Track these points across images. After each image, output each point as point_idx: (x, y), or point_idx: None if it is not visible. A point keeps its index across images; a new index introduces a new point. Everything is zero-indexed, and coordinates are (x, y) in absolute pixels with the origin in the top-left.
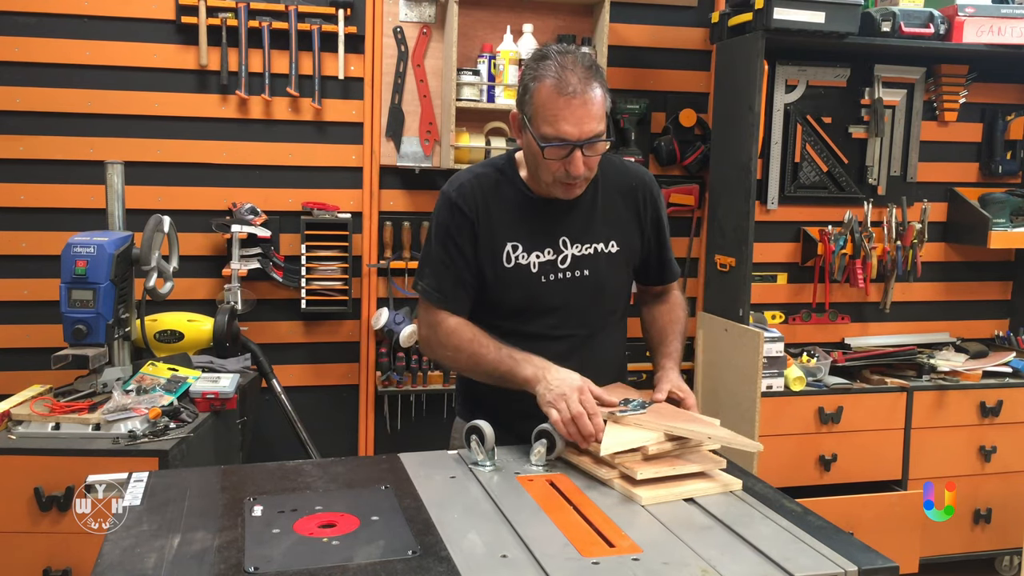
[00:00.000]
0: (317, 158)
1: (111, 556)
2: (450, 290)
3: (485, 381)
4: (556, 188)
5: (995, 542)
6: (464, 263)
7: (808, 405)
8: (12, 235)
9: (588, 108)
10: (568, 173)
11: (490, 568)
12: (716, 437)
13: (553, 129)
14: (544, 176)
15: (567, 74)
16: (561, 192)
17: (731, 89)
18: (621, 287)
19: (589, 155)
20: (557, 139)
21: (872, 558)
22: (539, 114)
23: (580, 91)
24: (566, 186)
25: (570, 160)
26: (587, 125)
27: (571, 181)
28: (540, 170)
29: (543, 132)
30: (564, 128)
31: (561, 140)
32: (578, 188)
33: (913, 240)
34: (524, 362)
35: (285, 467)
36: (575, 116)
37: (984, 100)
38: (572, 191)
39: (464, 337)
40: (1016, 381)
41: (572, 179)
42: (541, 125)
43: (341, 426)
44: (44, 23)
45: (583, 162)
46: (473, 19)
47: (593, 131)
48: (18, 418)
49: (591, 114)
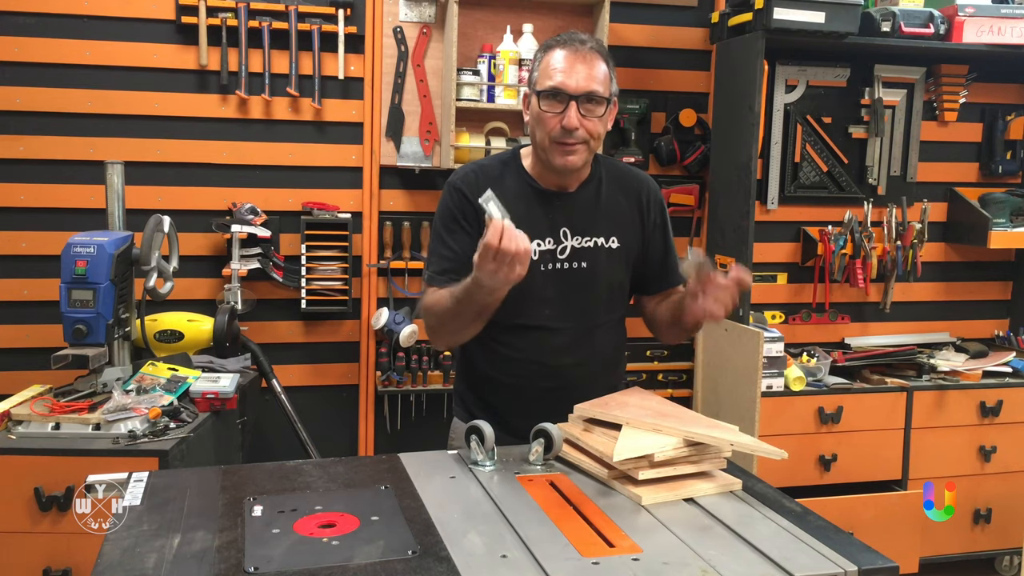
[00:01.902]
0: (317, 158)
1: (111, 556)
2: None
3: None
4: (554, 152)
5: (995, 542)
6: (467, 244)
7: (808, 405)
8: (12, 235)
9: (589, 68)
10: (564, 129)
11: (490, 568)
12: (738, 444)
13: (552, 81)
14: (542, 138)
15: (574, 43)
16: (559, 157)
17: (731, 89)
18: (620, 283)
19: (586, 115)
20: (554, 90)
21: (872, 558)
22: (542, 74)
23: (583, 52)
24: (562, 148)
25: (565, 115)
26: (585, 81)
27: (567, 140)
28: (538, 131)
29: (543, 86)
30: (561, 80)
31: (557, 91)
32: (576, 154)
33: (913, 240)
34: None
35: (285, 467)
36: (574, 70)
37: (984, 100)
38: (569, 156)
39: (434, 299)
40: (1016, 381)
41: (568, 136)
42: (542, 81)
43: (341, 426)
44: (44, 23)
45: (579, 120)
46: (473, 19)
47: (590, 87)
48: (18, 418)
49: (591, 74)
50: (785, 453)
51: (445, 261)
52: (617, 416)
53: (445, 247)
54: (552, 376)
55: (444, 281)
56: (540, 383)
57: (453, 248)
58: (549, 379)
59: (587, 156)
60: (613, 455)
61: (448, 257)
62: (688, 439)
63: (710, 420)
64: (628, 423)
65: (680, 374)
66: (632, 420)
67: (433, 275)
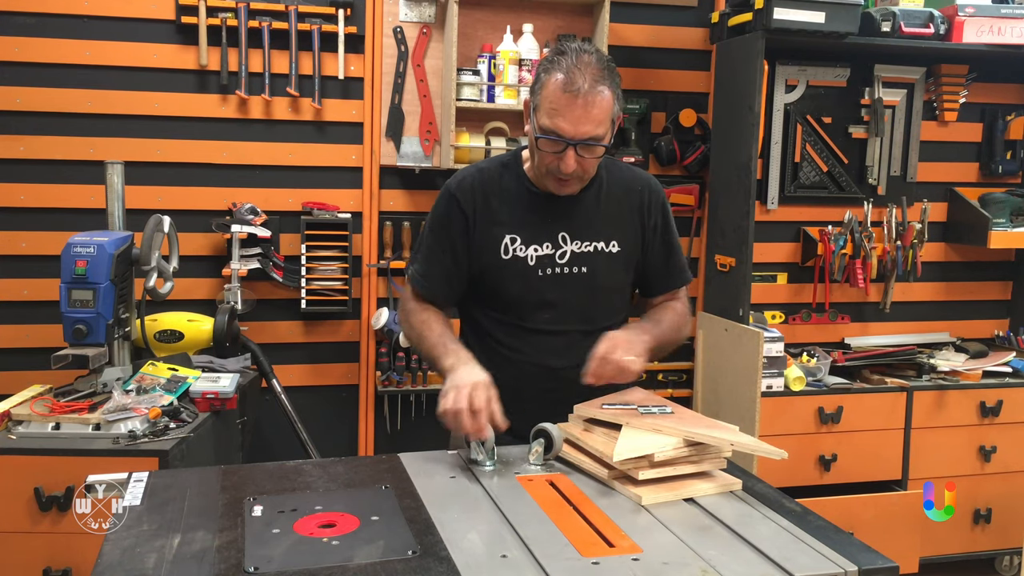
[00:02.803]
0: (317, 158)
1: (111, 556)
2: (434, 278)
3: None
4: (549, 181)
5: (995, 542)
6: (453, 256)
7: (808, 405)
8: (12, 235)
9: (589, 110)
10: (559, 169)
11: (490, 568)
12: (739, 444)
13: (551, 123)
14: (539, 166)
15: (576, 73)
16: (553, 186)
17: (731, 89)
18: (621, 287)
19: (584, 156)
20: (553, 133)
21: (872, 558)
22: (543, 106)
23: (584, 91)
24: (558, 181)
25: (563, 157)
26: (584, 126)
27: (562, 177)
28: (536, 157)
29: (542, 124)
30: (561, 124)
31: (556, 135)
32: (570, 187)
33: (913, 240)
34: (451, 353)
35: (285, 467)
36: (574, 115)
37: (984, 100)
38: (563, 187)
39: (419, 317)
40: (1016, 381)
41: (563, 175)
42: (542, 116)
43: (341, 426)
44: (44, 23)
45: (576, 162)
46: (473, 19)
47: (589, 133)
48: (18, 418)
49: (591, 116)
50: (785, 453)
51: (428, 264)
52: (617, 416)
53: (430, 250)
54: (553, 378)
55: (424, 285)
56: (541, 385)
57: (437, 253)
58: (550, 381)
59: (583, 184)
60: (613, 455)
61: (432, 261)
62: (688, 439)
63: (710, 420)
64: (628, 423)
65: (680, 374)
66: (632, 420)
67: (415, 274)
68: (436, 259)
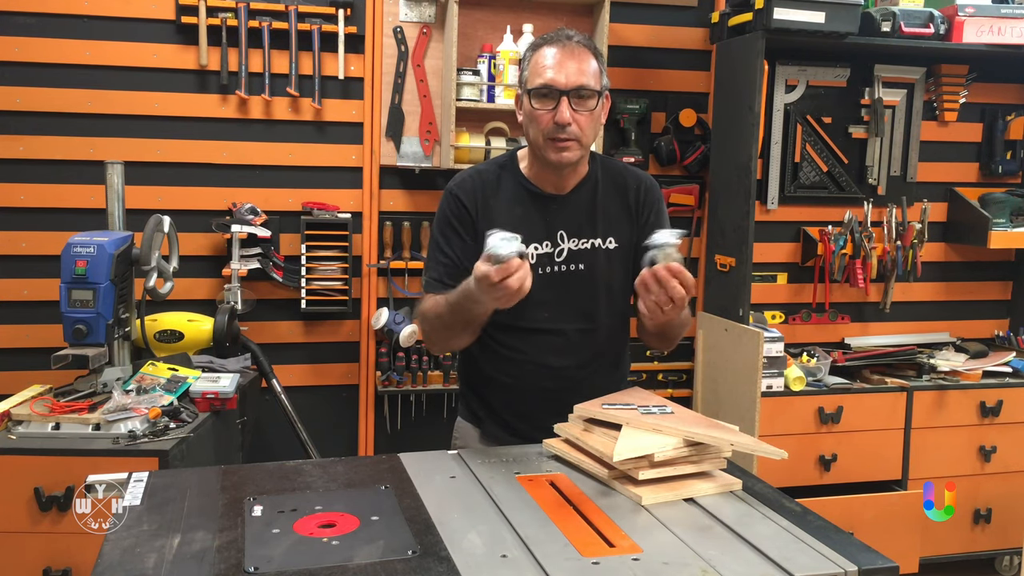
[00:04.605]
0: (317, 158)
1: (111, 556)
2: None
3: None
4: (548, 149)
5: (995, 542)
6: (462, 251)
7: (808, 405)
8: (12, 235)
9: (578, 62)
10: (556, 125)
11: (490, 568)
12: (739, 444)
13: (541, 78)
14: (536, 136)
15: (560, 37)
16: (553, 153)
17: (731, 89)
18: (619, 284)
19: (577, 110)
20: (545, 87)
21: (872, 558)
22: (532, 72)
23: (571, 45)
24: (557, 145)
25: (557, 110)
26: (574, 76)
27: (560, 136)
28: (532, 129)
29: (533, 84)
30: (552, 77)
31: (548, 87)
32: (569, 151)
33: (913, 240)
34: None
35: (285, 467)
36: (563, 65)
37: (984, 100)
38: (563, 153)
39: (429, 304)
40: (1016, 381)
41: (561, 131)
42: (532, 79)
43: (341, 426)
44: (44, 23)
45: (572, 115)
46: (473, 19)
47: (579, 82)
48: (18, 418)
49: (581, 69)
50: (785, 453)
51: (441, 267)
52: (617, 416)
53: (442, 253)
54: (553, 377)
55: (440, 287)
56: (541, 384)
57: (449, 255)
58: (549, 380)
59: (581, 152)
60: (613, 455)
61: (444, 263)
62: (688, 439)
63: (710, 420)
64: (628, 423)
65: (680, 374)
66: (632, 420)
67: (430, 280)
68: (447, 256)
